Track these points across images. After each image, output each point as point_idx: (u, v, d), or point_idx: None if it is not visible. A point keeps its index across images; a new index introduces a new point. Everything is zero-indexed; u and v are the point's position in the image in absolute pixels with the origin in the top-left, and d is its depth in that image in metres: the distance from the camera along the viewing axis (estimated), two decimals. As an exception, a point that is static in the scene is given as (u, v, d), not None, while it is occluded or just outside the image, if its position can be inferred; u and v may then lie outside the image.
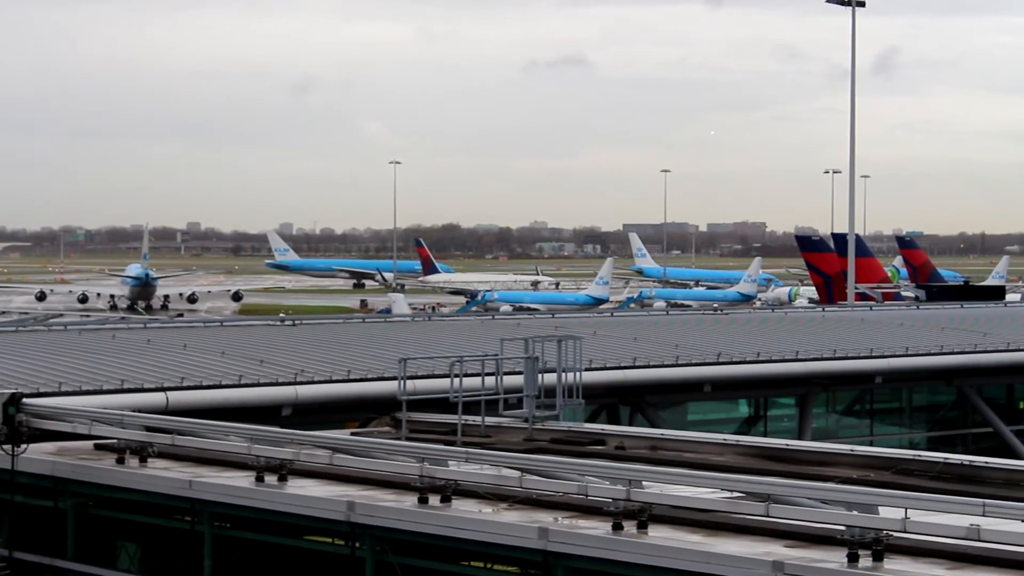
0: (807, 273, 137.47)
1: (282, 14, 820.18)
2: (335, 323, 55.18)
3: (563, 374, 36.21)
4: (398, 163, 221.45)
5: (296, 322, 53.07)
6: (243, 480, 29.35)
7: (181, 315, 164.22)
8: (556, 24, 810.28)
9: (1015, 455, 48.39)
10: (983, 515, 21.94)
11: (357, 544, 27.36)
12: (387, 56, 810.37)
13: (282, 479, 29.05)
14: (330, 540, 28.57)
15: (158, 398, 36.58)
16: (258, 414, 36.43)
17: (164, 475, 30.59)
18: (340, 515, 27.19)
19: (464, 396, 34.76)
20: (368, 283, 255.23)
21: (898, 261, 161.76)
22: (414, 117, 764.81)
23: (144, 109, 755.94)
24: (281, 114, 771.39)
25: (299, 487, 28.79)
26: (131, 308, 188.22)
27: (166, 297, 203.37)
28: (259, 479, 29.08)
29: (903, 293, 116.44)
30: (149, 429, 32.09)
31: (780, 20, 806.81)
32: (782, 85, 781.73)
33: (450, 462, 27.71)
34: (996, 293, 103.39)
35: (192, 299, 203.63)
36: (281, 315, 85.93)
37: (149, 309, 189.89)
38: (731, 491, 25.06)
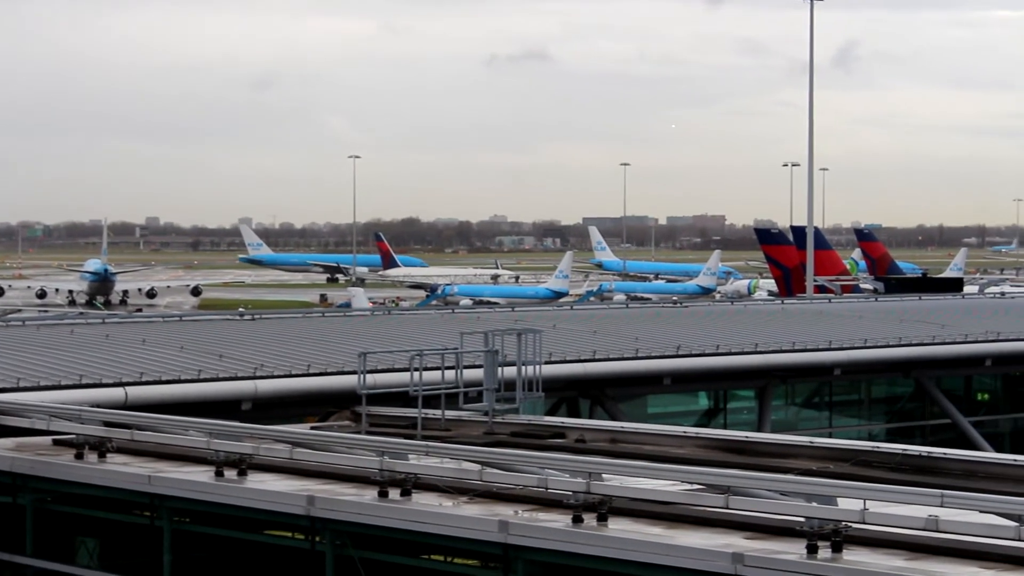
0: (766, 266, 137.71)
1: (243, 9, 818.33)
2: (294, 318, 55.01)
3: (523, 367, 36.22)
4: (357, 157, 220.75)
5: (255, 317, 52.96)
6: (202, 475, 29.27)
7: (140, 310, 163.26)
8: (517, 19, 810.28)
9: (973, 446, 48.64)
10: (941, 506, 22.07)
11: (317, 538, 27.33)
12: (348, 51, 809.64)
13: (242, 474, 28.99)
14: (290, 534, 28.52)
15: (117, 393, 36.47)
16: (217, 409, 36.33)
17: (123, 470, 30.48)
18: (300, 509, 27.14)
19: (424, 390, 34.77)
20: (342, 277, 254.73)
21: (857, 254, 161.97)
22: (375, 112, 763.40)
23: (102, 104, 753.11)
24: (241, 110, 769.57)
25: (259, 481, 28.74)
26: (90, 303, 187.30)
27: (125, 292, 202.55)
28: (219, 474, 29.01)
29: (862, 285, 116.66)
30: (108, 424, 31.98)
31: (740, 14, 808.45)
32: (742, 79, 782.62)
33: (410, 456, 27.69)
34: (954, 285, 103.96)
35: (151, 294, 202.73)
36: (240, 310, 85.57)
37: (108, 304, 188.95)
38: (691, 483, 25.14)
